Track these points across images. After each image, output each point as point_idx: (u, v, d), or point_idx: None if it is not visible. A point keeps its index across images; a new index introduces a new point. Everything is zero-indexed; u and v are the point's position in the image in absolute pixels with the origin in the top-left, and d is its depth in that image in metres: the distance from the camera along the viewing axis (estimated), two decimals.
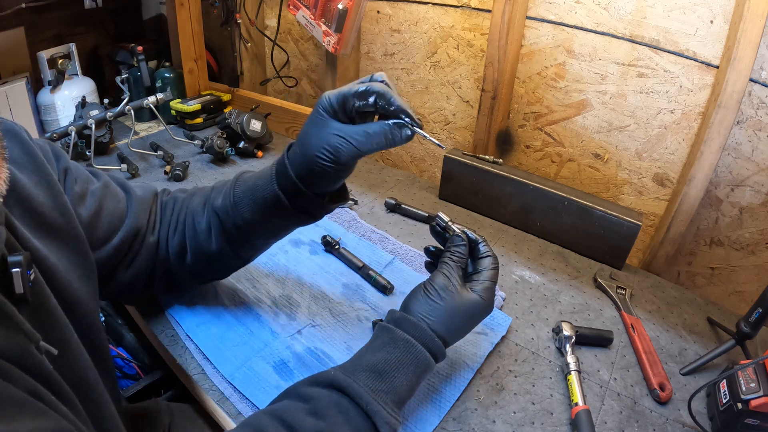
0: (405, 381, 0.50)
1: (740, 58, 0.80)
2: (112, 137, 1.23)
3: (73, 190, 0.55)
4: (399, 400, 0.49)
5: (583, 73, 1.04)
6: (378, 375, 0.49)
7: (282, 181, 0.55)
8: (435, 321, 0.52)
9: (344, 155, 0.51)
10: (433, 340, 0.52)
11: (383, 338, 0.52)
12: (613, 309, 0.80)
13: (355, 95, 0.51)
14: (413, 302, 0.54)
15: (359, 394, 0.46)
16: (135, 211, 0.60)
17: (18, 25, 1.26)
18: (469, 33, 1.17)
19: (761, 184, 0.91)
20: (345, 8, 1.14)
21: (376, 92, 0.50)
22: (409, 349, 0.51)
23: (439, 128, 1.33)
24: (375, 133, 0.50)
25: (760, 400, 0.55)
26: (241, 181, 0.60)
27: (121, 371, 0.91)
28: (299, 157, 0.54)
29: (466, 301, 0.54)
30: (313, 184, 0.55)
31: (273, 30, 1.50)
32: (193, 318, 0.71)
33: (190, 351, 0.67)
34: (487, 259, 0.57)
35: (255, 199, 0.57)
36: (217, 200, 0.60)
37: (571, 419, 0.60)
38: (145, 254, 0.62)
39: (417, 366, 0.51)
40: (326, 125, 0.51)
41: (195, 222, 0.62)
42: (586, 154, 1.10)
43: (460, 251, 0.56)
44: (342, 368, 0.50)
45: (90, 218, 0.55)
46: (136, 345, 0.93)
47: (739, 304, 1.02)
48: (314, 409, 0.45)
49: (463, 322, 0.55)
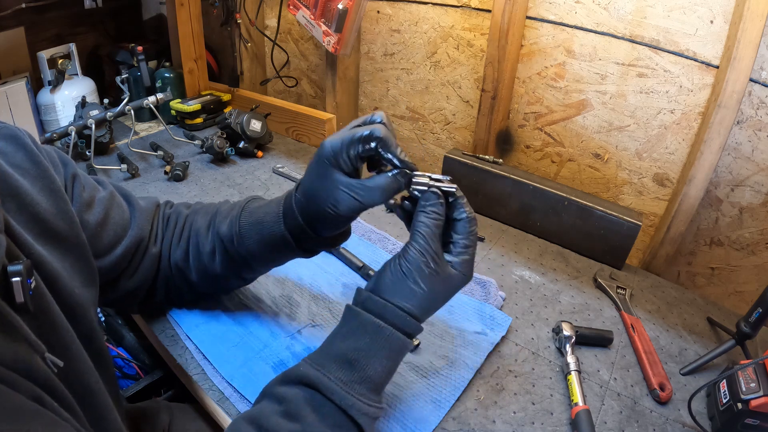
0: (379, 367, 0.47)
1: (740, 58, 0.80)
2: (112, 137, 1.23)
3: (81, 197, 0.55)
4: (375, 387, 0.48)
5: (583, 73, 1.04)
6: (349, 365, 0.46)
7: (290, 222, 0.55)
8: (409, 303, 0.49)
9: (352, 210, 0.51)
10: (405, 320, 0.48)
11: (351, 323, 0.49)
12: (613, 309, 0.80)
13: (357, 141, 0.49)
14: (385, 283, 0.49)
15: (331, 389, 0.45)
16: (138, 221, 0.61)
17: (18, 25, 1.26)
18: (469, 33, 1.17)
19: (761, 184, 0.91)
20: (345, 8, 1.14)
21: (378, 138, 0.48)
22: (380, 333, 0.47)
23: (439, 128, 1.33)
24: (382, 188, 0.49)
25: (760, 400, 0.55)
26: (247, 212, 0.60)
27: (121, 371, 0.91)
28: (305, 206, 0.54)
29: (443, 279, 0.49)
30: (318, 230, 0.55)
31: (273, 30, 1.50)
32: (193, 318, 0.71)
33: (190, 351, 0.67)
34: (463, 223, 0.50)
35: (261, 234, 0.57)
36: (223, 226, 0.60)
37: (571, 419, 0.60)
38: (148, 265, 0.62)
39: (390, 350, 0.48)
40: (331, 178, 0.50)
41: (199, 243, 0.62)
42: (586, 154, 1.10)
43: (437, 212, 0.49)
44: (312, 360, 0.48)
45: (96, 226, 0.55)
46: (136, 345, 0.93)
47: (739, 304, 1.02)
48: (288, 410, 0.44)
49: (440, 299, 0.51)
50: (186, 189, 1.07)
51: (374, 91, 1.43)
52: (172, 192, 1.06)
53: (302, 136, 1.35)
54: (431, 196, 0.50)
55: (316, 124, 1.30)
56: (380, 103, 1.43)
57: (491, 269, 0.87)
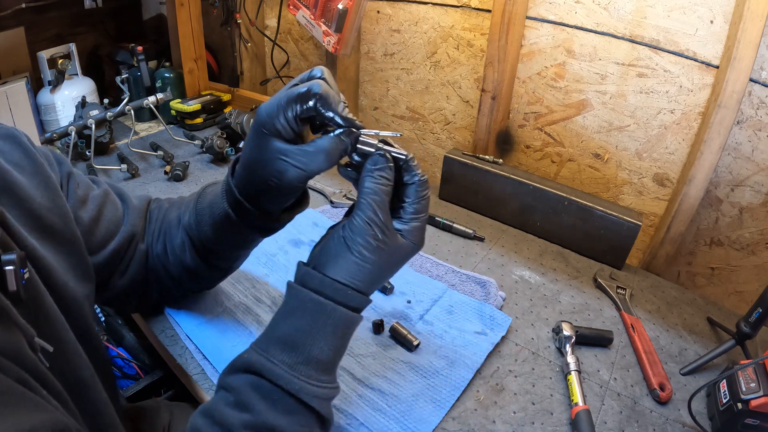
0: (325, 346, 0.44)
1: (740, 58, 0.80)
2: (112, 137, 1.23)
3: (76, 193, 0.55)
4: (324, 367, 0.45)
5: (583, 73, 1.04)
6: (292, 347, 0.44)
7: (230, 198, 0.53)
8: (353, 278, 0.45)
9: (294, 179, 0.46)
10: (347, 294, 0.44)
11: (291, 302, 0.46)
12: (613, 309, 0.80)
13: (294, 101, 0.44)
14: (327, 256, 0.45)
15: (275, 374, 0.43)
16: (131, 218, 0.61)
17: (18, 25, 1.26)
18: (469, 33, 1.17)
19: (761, 184, 0.91)
20: (345, 8, 1.14)
21: (316, 95, 0.43)
22: (321, 310, 0.44)
23: (439, 128, 1.33)
24: (322, 151, 0.45)
25: (760, 400, 0.55)
26: (203, 196, 0.58)
27: (121, 371, 0.91)
28: (247, 180, 0.50)
29: (392, 250, 0.45)
30: (266, 203, 0.52)
31: (273, 30, 1.50)
32: (193, 318, 0.71)
33: (190, 351, 0.67)
34: (414, 186, 0.46)
35: (213, 216, 0.55)
36: (185, 216, 0.60)
37: (571, 419, 0.60)
38: (138, 262, 0.62)
39: (335, 327, 0.44)
40: (268, 147, 0.46)
41: (172, 236, 0.61)
42: (586, 154, 1.10)
43: (385, 176, 0.45)
44: (257, 344, 0.45)
45: (90, 222, 0.56)
46: (136, 345, 0.93)
47: (739, 304, 1.02)
48: (237, 399, 0.43)
49: (389, 271, 0.47)
50: (186, 189, 1.07)
51: (374, 91, 1.43)
52: (172, 192, 1.06)
53: None
54: (379, 159, 0.45)
55: None
56: (380, 103, 1.43)
57: (491, 269, 0.87)
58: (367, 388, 0.62)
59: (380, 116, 1.45)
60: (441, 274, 0.84)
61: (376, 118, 1.46)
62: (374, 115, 1.46)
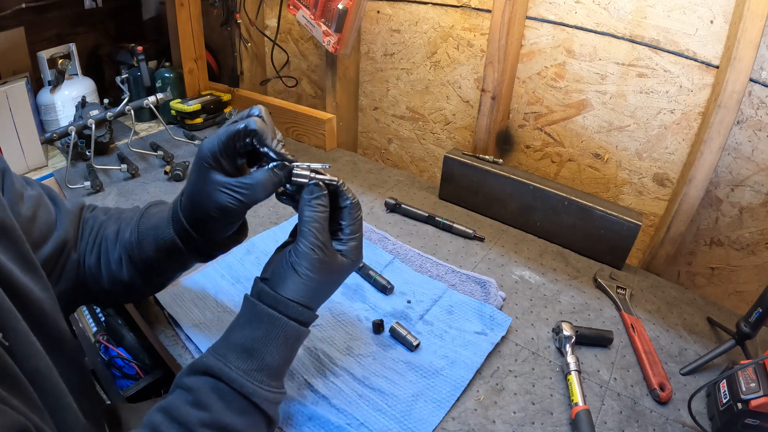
0: (277, 355, 0.50)
1: (740, 58, 0.80)
2: (112, 137, 1.23)
3: (13, 188, 0.54)
4: (274, 374, 0.50)
5: (583, 73, 1.04)
6: (247, 354, 0.49)
7: (177, 226, 0.56)
8: (300, 296, 0.50)
9: (233, 210, 0.51)
10: (297, 310, 0.50)
11: (248, 313, 0.51)
12: (613, 309, 0.80)
13: (233, 137, 0.50)
14: (278, 276, 0.50)
15: (231, 378, 0.47)
16: (63, 224, 0.60)
17: (18, 25, 1.26)
18: (469, 33, 1.17)
19: (761, 184, 0.91)
20: (345, 8, 1.14)
21: (252, 132, 0.49)
22: (274, 323, 0.49)
23: (439, 128, 1.33)
24: (258, 183, 0.50)
25: (760, 400, 0.55)
26: (146, 217, 0.60)
27: (121, 371, 0.91)
28: (191, 210, 0.54)
29: (334, 269, 0.51)
30: (209, 232, 0.55)
31: (273, 30, 1.50)
32: (193, 318, 0.71)
33: (190, 351, 0.67)
34: (348, 209, 0.52)
35: (156, 239, 0.58)
36: (126, 233, 0.61)
37: (571, 419, 0.60)
38: (71, 270, 0.60)
39: (286, 339, 0.50)
40: (210, 180, 0.51)
41: (108, 250, 0.61)
42: (586, 154, 1.10)
43: (321, 203, 0.50)
44: (214, 350, 0.50)
45: (27, 221, 0.54)
46: (136, 345, 0.93)
47: (739, 304, 1.02)
48: (196, 399, 0.46)
49: (332, 287, 0.53)
50: None
51: (374, 91, 1.43)
52: (172, 192, 1.06)
53: (302, 136, 1.35)
54: (314, 189, 0.50)
55: (316, 124, 1.30)
56: (380, 103, 1.43)
57: (491, 269, 0.87)
58: (367, 388, 0.62)
59: (380, 116, 1.45)
60: (441, 274, 0.84)
61: (376, 118, 1.46)
62: (374, 115, 1.46)
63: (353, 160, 1.26)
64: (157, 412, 0.46)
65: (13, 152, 1.08)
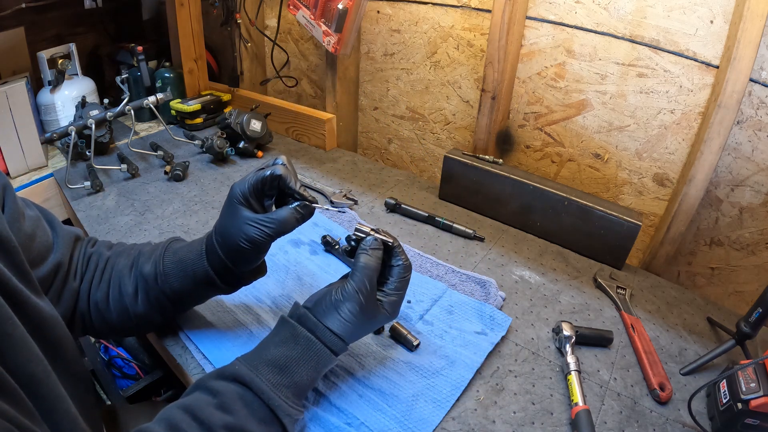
0: (305, 375, 0.53)
1: (740, 58, 0.80)
2: (112, 137, 1.23)
3: (15, 205, 0.55)
4: (300, 393, 0.53)
5: (583, 73, 1.04)
6: (280, 370, 0.52)
7: (212, 258, 0.60)
8: (337, 328, 0.55)
9: (261, 241, 0.57)
10: (332, 339, 0.54)
11: (285, 333, 0.55)
12: (613, 309, 0.80)
13: (261, 180, 0.57)
14: (322, 306, 0.55)
15: (261, 389, 0.50)
16: (60, 247, 0.61)
17: (18, 25, 1.26)
18: (469, 33, 1.17)
19: (761, 184, 0.91)
20: (345, 8, 1.14)
21: (277, 177, 0.57)
22: (310, 347, 0.53)
23: (439, 128, 1.33)
24: (284, 219, 0.57)
25: (760, 400, 0.55)
26: (170, 251, 0.64)
27: (121, 371, 0.91)
28: (222, 243, 0.59)
29: (371, 315, 0.56)
30: (237, 264, 0.60)
31: (273, 30, 1.50)
32: (193, 318, 0.71)
33: (190, 351, 0.67)
34: (398, 269, 0.58)
35: (185, 273, 0.61)
36: (146, 267, 0.63)
37: (571, 419, 0.60)
38: (67, 298, 0.61)
39: (318, 362, 0.54)
40: (239, 215, 0.57)
41: (121, 283, 0.63)
42: (586, 154, 1.10)
43: (377, 255, 0.57)
44: (246, 360, 0.53)
45: (26, 238, 0.55)
46: (136, 345, 0.93)
47: (739, 304, 1.02)
48: (221, 403, 0.48)
49: (365, 330, 0.58)
50: (186, 189, 1.07)
51: (374, 91, 1.43)
52: (172, 192, 1.06)
53: (302, 136, 1.35)
54: (373, 242, 0.57)
55: (316, 124, 1.30)
56: (380, 103, 1.43)
57: (491, 269, 0.87)
58: (367, 388, 0.62)
59: (380, 116, 1.45)
60: (441, 274, 0.84)
61: (376, 118, 1.46)
62: (374, 115, 1.46)
63: (353, 160, 1.26)
64: (176, 409, 0.47)
65: (13, 152, 1.08)
